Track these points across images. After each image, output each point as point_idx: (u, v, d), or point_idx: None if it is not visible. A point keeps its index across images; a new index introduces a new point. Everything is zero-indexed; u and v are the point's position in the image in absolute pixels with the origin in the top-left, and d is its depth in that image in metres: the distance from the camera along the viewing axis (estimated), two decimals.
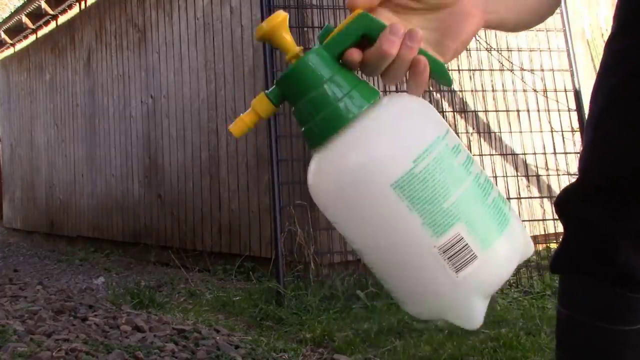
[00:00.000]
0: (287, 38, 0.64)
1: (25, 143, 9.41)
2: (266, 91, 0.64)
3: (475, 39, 4.56)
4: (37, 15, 8.51)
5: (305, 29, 4.35)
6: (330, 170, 0.61)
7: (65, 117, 8.07)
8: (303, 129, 0.64)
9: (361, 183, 0.59)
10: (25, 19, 8.64)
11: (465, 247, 0.58)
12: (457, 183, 0.59)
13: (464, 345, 2.75)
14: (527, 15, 0.73)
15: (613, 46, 0.89)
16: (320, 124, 0.61)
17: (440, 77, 0.65)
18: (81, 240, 7.59)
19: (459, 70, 4.59)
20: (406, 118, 0.61)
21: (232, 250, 5.02)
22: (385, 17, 0.65)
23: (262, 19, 4.04)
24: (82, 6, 7.66)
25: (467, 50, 4.57)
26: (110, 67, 6.91)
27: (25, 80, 9.42)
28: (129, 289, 4.08)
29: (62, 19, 8.23)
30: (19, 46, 9.70)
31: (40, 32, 8.93)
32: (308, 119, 0.62)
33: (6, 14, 10.91)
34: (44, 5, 8.05)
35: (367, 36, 0.64)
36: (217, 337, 2.82)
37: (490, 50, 4.66)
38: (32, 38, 9.22)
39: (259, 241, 4.77)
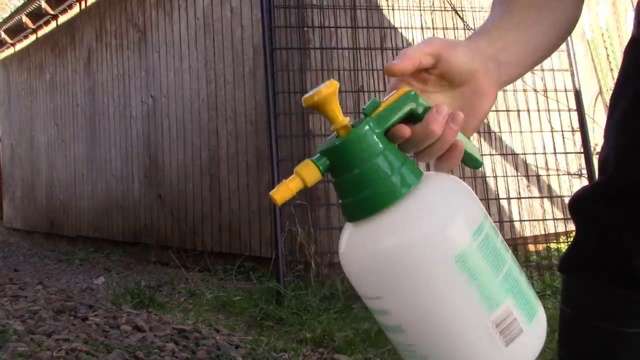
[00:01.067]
0: (336, 109, 0.62)
1: (26, 143, 9.41)
2: (313, 158, 0.62)
3: None
4: (37, 15, 8.51)
5: (305, 29, 4.35)
6: (380, 243, 0.60)
7: (65, 117, 8.07)
8: (344, 200, 0.63)
9: (423, 256, 0.59)
10: (25, 19, 8.64)
11: (514, 321, 0.60)
12: (503, 259, 0.62)
13: None
14: (537, 61, 0.77)
15: (638, 47, 0.88)
16: (367, 199, 0.61)
17: (472, 160, 0.68)
18: (81, 240, 7.59)
19: None
20: (460, 195, 0.62)
21: (232, 250, 5.02)
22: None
23: (262, 19, 4.04)
24: (82, 6, 7.66)
25: None
26: (110, 67, 6.92)
27: (26, 80, 9.42)
28: (129, 289, 4.09)
29: (62, 19, 8.23)
30: (19, 46, 9.70)
31: (41, 32, 8.93)
32: (353, 193, 0.61)
33: (6, 14, 10.91)
34: (44, 5, 8.05)
35: (413, 114, 0.64)
36: (217, 337, 2.82)
37: None
38: (32, 38, 9.22)
39: (259, 241, 4.77)
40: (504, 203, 4.70)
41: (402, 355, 0.65)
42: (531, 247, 4.82)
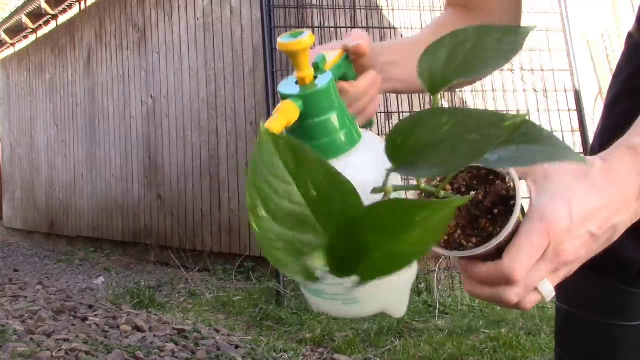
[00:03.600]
0: (306, 59, 0.69)
1: (25, 143, 9.41)
2: (291, 99, 0.68)
3: None
4: (37, 15, 8.51)
5: (305, 29, 4.35)
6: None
7: (65, 117, 8.07)
8: (307, 144, 0.67)
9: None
10: (25, 19, 8.64)
11: None
12: None
13: (463, 345, 2.75)
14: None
15: (634, 38, 0.91)
16: (326, 145, 0.66)
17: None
18: (81, 240, 7.59)
19: None
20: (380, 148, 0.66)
21: (232, 250, 5.02)
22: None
23: (262, 19, 4.05)
24: (82, 6, 7.66)
25: None
26: (110, 67, 6.91)
27: (25, 80, 9.42)
28: (129, 289, 4.09)
29: (62, 19, 8.23)
30: (19, 46, 9.70)
31: (40, 32, 8.93)
32: (315, 137, 0.67)
33: (6, 14, 10.91)
34: (44, 5, 8.05)
35: (344, 74, 0.77)
36: (217, 337, 2.82)
37: None
38: (32, 38, 9.22)
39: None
40: None
41: (337, 300, 0.70)
42: None
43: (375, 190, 0.54)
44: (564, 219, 0.55)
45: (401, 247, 0.38)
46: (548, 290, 0.57)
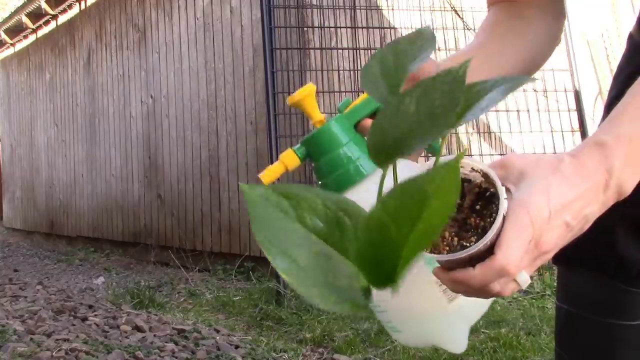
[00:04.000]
0: (313, 106, 0.75)
1: (25, 143, 9.41)
2: (294, 148, 0.75)
3: None
4: (37, 15, 8.51)
5: (305, 29, 4.35)
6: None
7: (65, 117, 8.07)
8: (320, 182, 0.75)
9: None
10: (25, 19, 8.64)
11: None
12: None
13: None
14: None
15: (635, 39, 0.91)
16: (335, 180, 0.72)
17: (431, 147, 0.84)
18: (81, 240, 7.59)
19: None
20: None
21: (232, 250, 5.02)
22: None
23: (262, 19, 4.05)
24: (82, 6, 7.66)
25: None
26: (110, 67, 6.92)
27: (25, 80, 9.42)
28: (129, 289, 4.09)
29: (62, 19, 8.23)
30: (19, 46, 9.70)
31: (40, 32, 8.93)
32: (325, 175, 0.74)
33: (6, 14, 10.91)
34: (44, 5, 8.05)
35: (379, 110, 0.77)
36: (217, 337, 2.83)
37: None
38: (32, 38, 9.22)
39: None
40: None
41: (387, 329, 0.75)
42: None
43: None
44: (544, 209, 0.58)
45: (426, 224, 0.38)
46: (524, 279, 0.59)
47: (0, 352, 2.31)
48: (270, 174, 0.74)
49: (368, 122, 0.76)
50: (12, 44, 9.85)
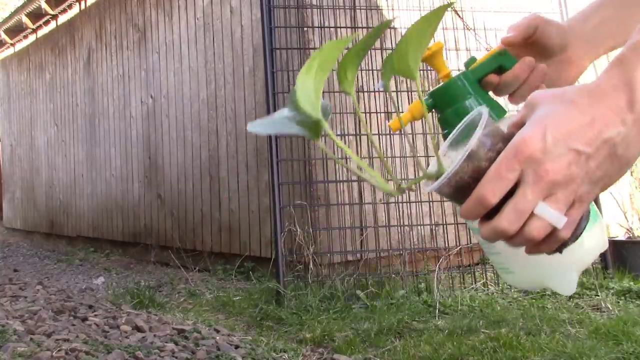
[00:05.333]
0: (442, 61, 0.83)
1: (25, 143, 9.41)
2: (422, 99, 0.76)
3: (476, 38, 4.56)
4: (37, 15, 8.51)
5: (305, 29, 4.35)
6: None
7: (65, 117, 8.07)
8: (444, 132, 0.82)
9: None
10: (25, 19, 8.64)
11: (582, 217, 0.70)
12: None
13: (464, 345, 2.75)
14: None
15: None
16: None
17: None
18: (81, 240, 7.59)
19: (459, 70, 4.59)
20: None
21: (232, 250, 5.02)
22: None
23: (262, 19, 4.05)
24: (82, 6, 7.66)
25: (467, 50, 4.57)
26: (110, 67, 6.91)
27: (25, 80, 9.42)
28: (129, 289, 4.09)
29: (62, 19, 8.23)
30: (19, 46, 9.70)
31: (40, 32, 8.93)
32: (451, 124, 0.78)
33: (6, 14, 10.91)
34: (44, 5, 8.05)
35: (502, 67, 0.84)
36: (217, 337, 2.82)
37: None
38: (32, 38, 9.22)
39: (258, 241, 4.77)
40: None
41: (498, 270, 0.81)
42: None
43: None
44: (535, 141, 0.55)
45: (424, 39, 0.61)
46: (550, 214, 0.57)
47: (0, 352, 2.31)
48: (397, 121, 0.77)
49: (492, 77, 0.82)
50: (12, 44, 9.85)
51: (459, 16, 4.68)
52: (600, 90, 0.56)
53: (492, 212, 0.58)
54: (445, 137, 0.81)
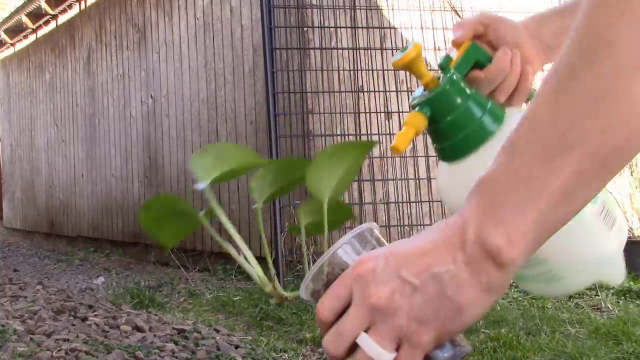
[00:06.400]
0: (423, 66, 0.72)
1: (25, 143, 9.41)
2: (417, 109, 0.71)
3: None
4: (37, 15, 8.51)
5: (305, 29, 4.35)
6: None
7: (65, 117, 8.07)
8: (441, 145, 0.71)
9: None
10: (25, 19, 8.64)
11: (608, 211, 0.70)
12: None
13: None
14: None
15: None
16: (463, 140, 0.69)
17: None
18: (81, 240, 7.59)
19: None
20: None
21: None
22: None
23: (262, 19, 4.05)
24: (82, 6, 7.66)
25: None
26: (110, 67, 6.91)
27: (25, 80, 9.42)
28: (129, 289, 4.09)
29: (62, 19, 8.23)
30: (19, 46, 9.70)
31: (40, 32, 8.93)
32: (450, 136, 0.70)
33: (6, 14, 10.91)
34: (44, 5, 8.05)
35: (478, 63, 0.77)
36: (217, 337, 2.82)
37: None
38: (32, 38, 9.22)
39: (258, 241, 4.77)
40: None
41: (538, 285, 0.73)
42: None
43: None
44: (371, 261, 0.53)
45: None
46: (369, 346, 0.52)
47: (0, 352, 2.31)
48: (403, 139, 0.69)
49: (477, 73, 0.76)
50: (12, 44, 9.85)
51: (459, 16, 4.69)
52: (444, 223, 0.53)
53: None
54: (444, 153, 0.72)
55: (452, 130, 0.69)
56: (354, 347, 0.54)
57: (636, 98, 0.46)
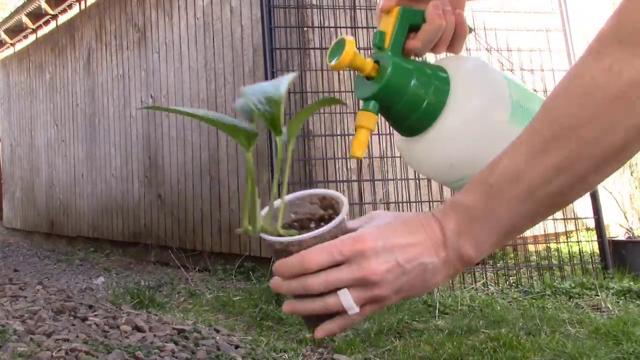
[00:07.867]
0: (359, 60, 0.72)
1: (25, 143, 9.41)
2: (364, 107, 0.73)
3: (476, 38, 4.56)
4: (37, 15, 8.51)
5: (305, 29, 4.35)
6: (451, 135, 0.72)
7: (65, 117, 8.07)
8: (400, 125, 0.74)
9: (490, 125, 0.72)
10: (25, 19, 8.64)
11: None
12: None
13: (464, 345, 2.75)
14: None
15: None
16: (422, 117, 0.71)
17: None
18: (81, 240, 7.59)
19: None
20: (486, 71, 0.75)
21: (232, 250, 5.02)
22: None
23: (262, 19, 4.05)
24: (82, 6, 7.66)
25: (467, 50, 4.57)
26: (110, 67, 6.91)
27: (25, 80, 9.42)
28: (129, 289, 4.09)
29: (62, 19, 8.23)
30: (19, 46, 9.70)
31: (40, 32, 8.93)
32: (407, 117, 0.72)
33: (6, 14, 10.91)
34: (44, 5, 8.05)
35: (412, 26, 0.75)
36: (217, 337, 2.82)
37: (491, 50, 4.66)
38: (32, 38, 9.22)
39: (258, 241, 4.77)
40: None
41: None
42: (531, 247, 4.82)
43: None
44: (371, 240, 0.63)
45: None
46: (347, 301, 0.64)
47: (0, 352, 2.31)
48: (359, 144, 0.72)
49: (411, 43, 0.75)
50: (12, 44, 9.85)
51: None
52: (427, 220, 0.65)
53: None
54: (404, 131, 0.75)
55: (406, 113, 0.72)
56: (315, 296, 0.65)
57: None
